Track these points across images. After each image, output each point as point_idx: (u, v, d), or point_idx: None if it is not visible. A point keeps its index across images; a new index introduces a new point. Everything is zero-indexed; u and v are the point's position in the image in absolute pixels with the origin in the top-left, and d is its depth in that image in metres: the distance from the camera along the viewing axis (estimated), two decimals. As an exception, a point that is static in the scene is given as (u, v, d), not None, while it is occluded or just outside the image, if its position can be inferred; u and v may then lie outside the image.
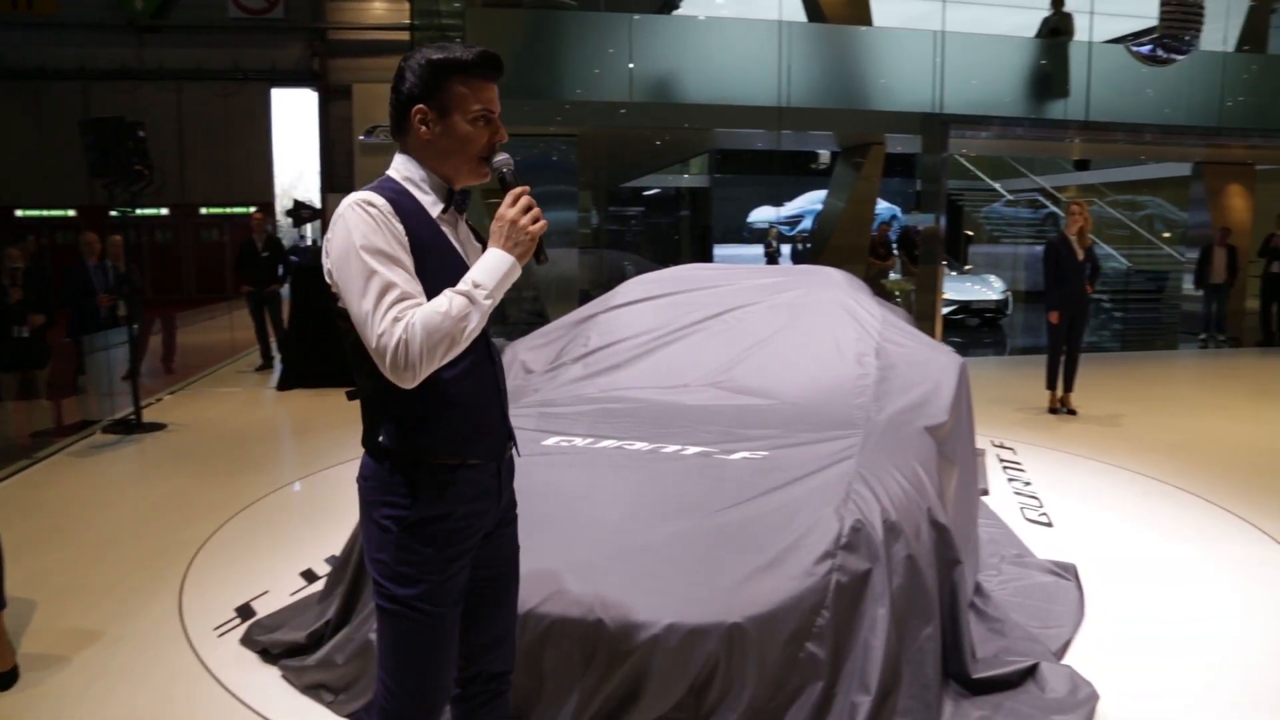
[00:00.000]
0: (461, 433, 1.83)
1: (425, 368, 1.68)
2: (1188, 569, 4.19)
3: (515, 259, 1.75)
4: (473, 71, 1.80)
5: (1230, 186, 13.91)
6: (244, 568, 4.18)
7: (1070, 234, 7.45)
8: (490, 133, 1.84)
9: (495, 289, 1.72)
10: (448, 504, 1.82)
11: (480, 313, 1.71)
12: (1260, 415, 7.85)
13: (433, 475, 1.81)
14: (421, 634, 1.83)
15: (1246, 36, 12.97)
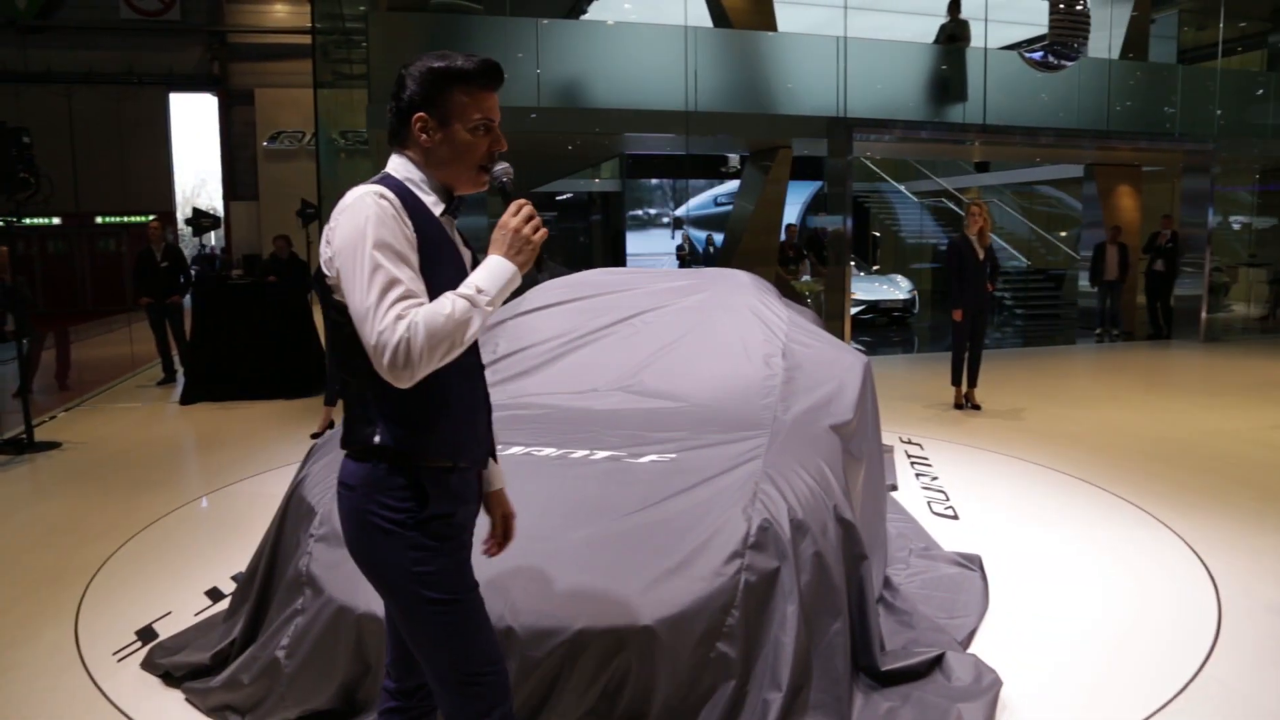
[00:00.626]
0: (454, 436, 1.85)
1: (423, 368, 1.66)
2: (1085, 555, 4.35)
3: (517, 267, 1.76)
4: (474, 81, 1.81)
5: (1120, 187, 14.54)
6: (145, 589, 4.03)
7: (971, 234, 7.68)
8: (490, 141, 1.86)
9: (497, 295, 1.73)
10: (451, 503, 1.85)
11: (481, 317, 1.71)
12: (1150, 405, 8.22)
13: (430, 476, 1.82)
14: (468, 620, 1.86)
15: (1129, 45, 13.59)
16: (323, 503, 3.05)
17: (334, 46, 11.70)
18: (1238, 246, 16.32)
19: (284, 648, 2.76)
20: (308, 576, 2.81)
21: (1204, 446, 6.56)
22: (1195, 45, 15.65)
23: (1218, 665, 3.23)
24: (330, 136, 11.68)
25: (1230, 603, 3.77)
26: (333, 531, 2.89)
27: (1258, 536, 4.60)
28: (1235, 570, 4.13)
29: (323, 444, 3.62)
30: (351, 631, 2.62)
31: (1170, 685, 3.08)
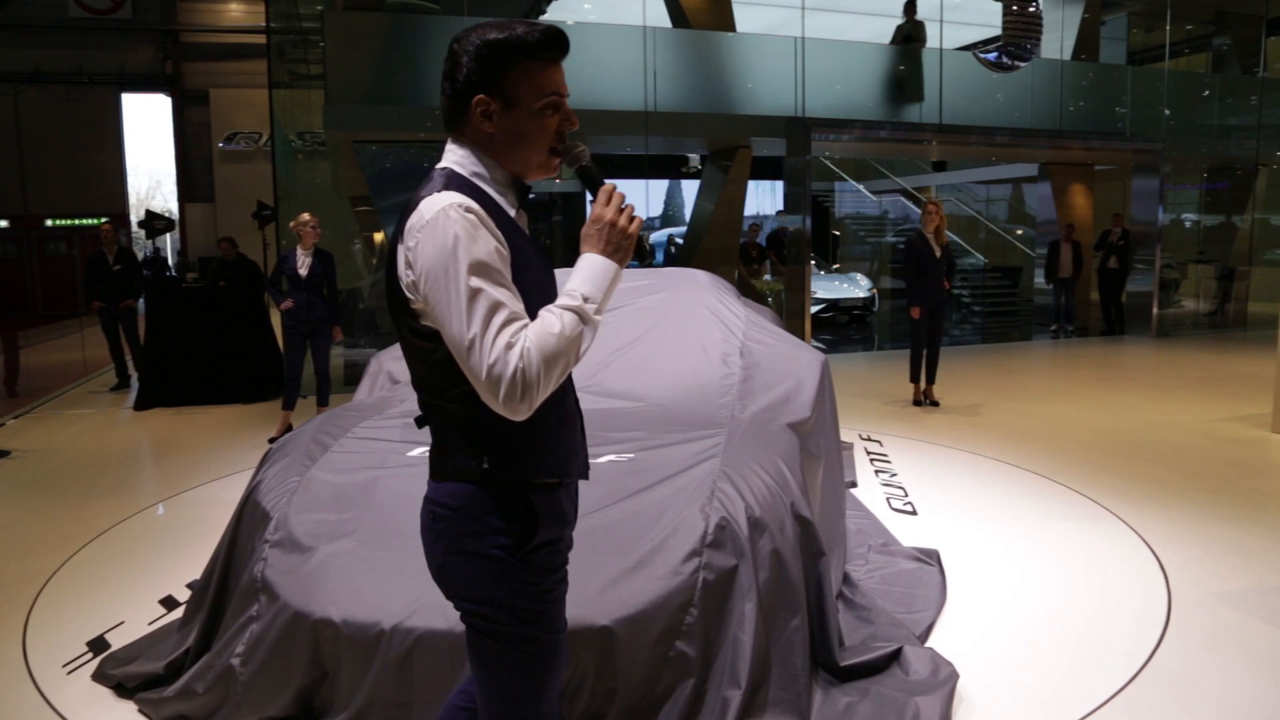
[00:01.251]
0: (561, 450, 1.71)
1: (542, 395, 1.50)
2: (1041, 548, 4.42)
3: (617, 264, 1.59)
4: (538, 53, 1.61)
5: (1073, 186, 14.79)
6: (97, 599, 3.96)
7: (927, 232, 7.76)
8: (560, 120, 1.65)
9: (604, 300, 1.56)
10: (559, 526, 1.71)
11: (593, 329, 1.55)
12: (1104, 400, 8.36)
13: (543, 498, 1.67)
14: (550, 660, 1.71)
15: (1081, 46, 13.83)
16: (278, 508, 3.01)
17: (290, 46, 11.56)
18: (1187, 244, 16.65)
19: (239, 655, 2.73)
20: (263, 583, 2.78)
21: (1155, 439, 6.69)
22: (1144, 47, 15.96)
23: (1168, 653, 3.30)
24: (287, 138, 11.55)
25: (1180, 592, 3.85)
26: (288, 537, 2.86)
27: (1206, 526, 4.70)
28: (1184, 560, 4.21)
29: (277, 449, 3.58)
30: (308, 637, 2.60)
31: (1123, 673, 3.14)
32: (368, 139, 10.18)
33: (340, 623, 2.53)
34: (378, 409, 3.95)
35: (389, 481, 3.09)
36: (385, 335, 10.56)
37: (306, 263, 6.85)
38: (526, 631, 1.66)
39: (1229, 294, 15.09)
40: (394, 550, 2.73)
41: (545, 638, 1.69)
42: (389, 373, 4.51)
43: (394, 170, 10.47)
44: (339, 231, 12.33)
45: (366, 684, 2.49)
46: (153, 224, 11.90)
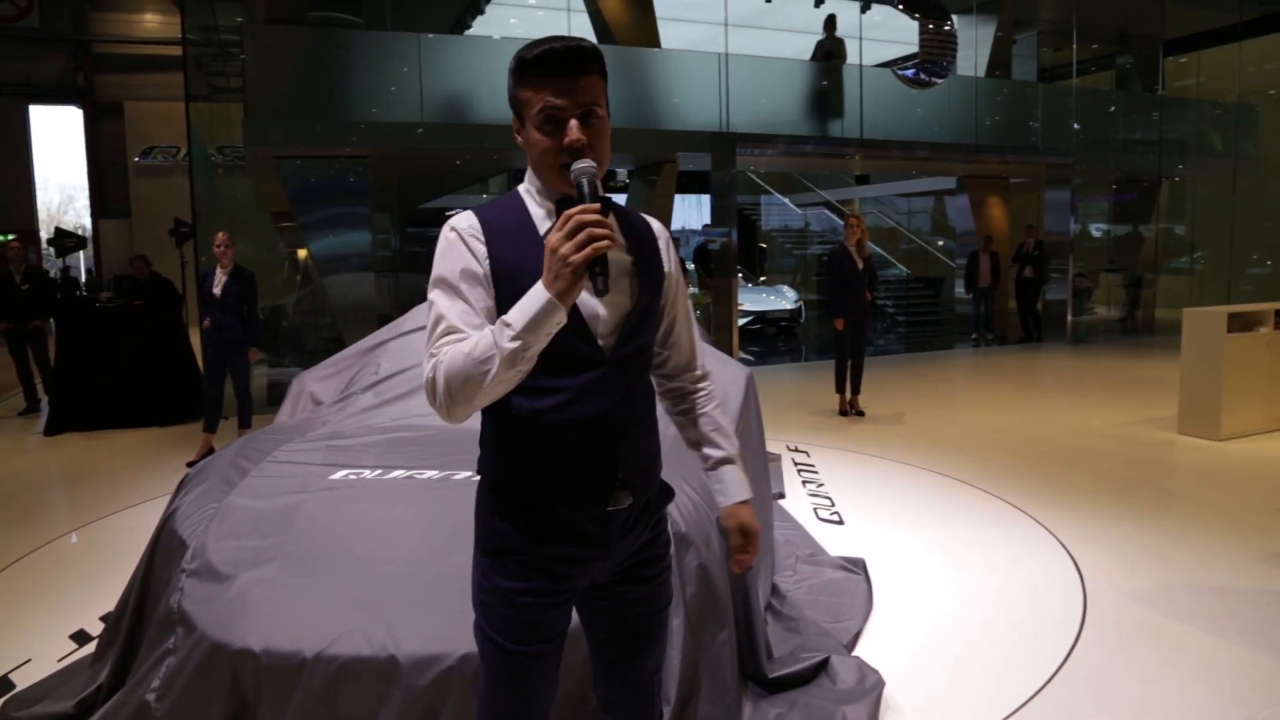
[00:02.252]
0: (547, 470, 1.66)
1: (457, 409, 1.53)
2: (962, 553, 4.53)
3: (553, 295, 1.46)
4: (532, 70, 1.60)
5: (990, 198, 15.23)
6: (2, 636, 3.79)
7: (850, 245, 7.91)
8: (560, 135, 1.60)
9: (525, 330, 1.47)
10: (525, 540, 1.67)
11: (504, 356, 1.47)
12: (1021, 406, 8.61)
13: (515, 507, 1.68)
14: (499, 666, 1.72)
15: (995, 63, 14.28)
16: (195, 535, 2.93)
17: (208, 58, 11.31)
18: (1098, 253, 17.28)
19: (155, 690, 2.64)
20: (179, 614, 2.70)
21: (1070, 444, 6.91)
22: (1054, 65, 16.54)
23: (1084, 651, 3.41)
24: (206, 152, 11.29)
25: (1095, 592, 3.98)
26: (205, 565, 2.79)
27: (1118, 527, 4.87)
28: (1098, 560, 4.36)
29: (195, 474, 3.49)
30: (227, 669, 2.53)
31: (1042, 673, 3.24)
32: (290, 154, 9.99)
33: (260, 653, 2.47)
34: (299, 431, 3.87)
35: (311, 506, 3.03)
36: (309, 355, 10.37)
37: (221, 282, 6.73)
38: (481, 624, 1.74)
39: (1138, 301, 15.70)
40: (317, 576, 2.68)
41: (492, 640, 1.72)
42: (311, 393, 4.43)
43: (317, 185, 10.29)
44: (261, 248, 12.08)
45: (289, 715, 2.43)
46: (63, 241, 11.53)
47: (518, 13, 14.57)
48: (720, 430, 1.90)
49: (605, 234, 1.45)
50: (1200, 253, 17.17)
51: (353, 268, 10.22)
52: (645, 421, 1.76)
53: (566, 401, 1.63)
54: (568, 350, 1.60)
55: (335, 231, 10.27)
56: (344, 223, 10.32)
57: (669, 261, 1.82)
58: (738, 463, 1.89)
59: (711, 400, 1.92)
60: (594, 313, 1.64)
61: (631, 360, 1.70)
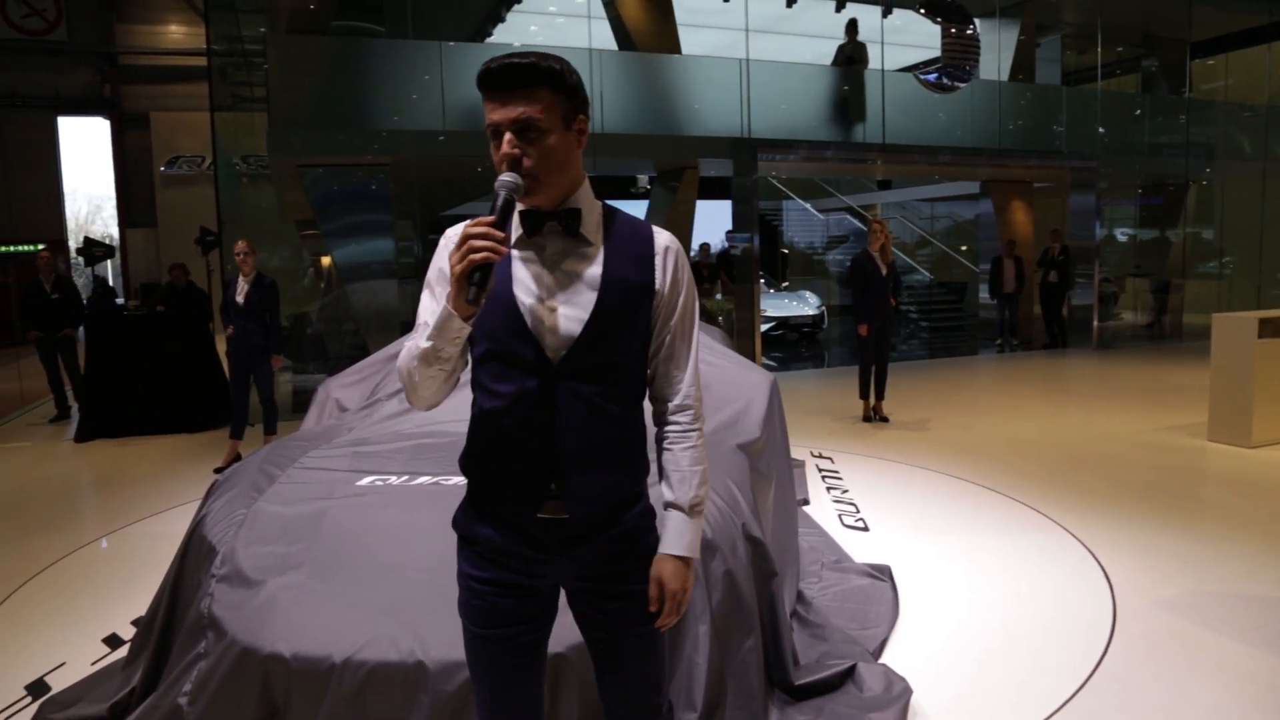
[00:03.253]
0: (488, 468, 1.73)
1: (412, 397, 1.68)
2: (990, 560, 4.49)
3: (448, 303, 1.55)
4: (480, 86, 1.66)
5: (1014, 203, 15.13)
6: (37, 639, 3.83)
7: (873, 250, 7.88)
8: (497, 150, 1.64)
9: (433, 334, 1.57)
10: (479, 531, 1.76)
11: (419, 355, 1.60)
12: (1048, 412, 8.54)
13: (472, 499, 1.78)
14: (476, 653, 1.81)
15: (1018, 67, 14.19)
16: (224, 541, 2.95)
17: (232, 69, 11.43)
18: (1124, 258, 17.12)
19: (186, 694, 2.66)
20: (210, 619, 2.72)
21: (1098, 451, 6.84)
22: (1078, 68, 16.42)
23: (1113, 660, 3.37)
24: (230, 162, 11.40)
25: (1124, 600, 3.94)
26: (235, 571, 2.81)
27: (1148, 535, 4.81)
28: (1128, 569, 4.31)
29: (224, 480, 3.51)
30: (257, 674, 2.54)
31: (1072, 682, 3.20)
32: (313, 162, 10.07)
33: (290, 658, 2.48)
34: (326, 437, 3.90)
35: (338, 512, 3.05)
36: (335, 361, 10.44)
37: (244, 290, 6.79)
38: (464, 618, 1.80)
39: (1165, 306, 15.53)
40: (344, 582, 2.69)
41: (463, 620, 1.80)
42: (337, 400, 4.46)
43: (340, 194, 10.37)
44: (285, 256, 12.17)
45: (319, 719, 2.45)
46: (92, 251, 11.65)
47: (538, 20, 14.63)
48: (680, 473, 1.78)
49: (484, 246, 1.49)
50: (1229, 257, 16.96)
51: (375, 275, 10.28)
52: (596, 439, 1.70)
53: (506, 406, 1.68)
54: (514, 356, 1.67)
55: (358, 239, 10.34)
56: (367, 230, 10.39)
57: (663, 278, 1.75)
58: (686, 513, 1.77)
59: (684, 439, 1.79)
60: (540, 322, 1.66)
61: (585, 374, 1.68)
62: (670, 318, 1.77)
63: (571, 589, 1.81)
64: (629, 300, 1.71)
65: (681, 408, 1.80)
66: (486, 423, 1.71)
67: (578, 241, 1.70)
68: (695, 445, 1.80)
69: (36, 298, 9.12)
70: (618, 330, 1.70)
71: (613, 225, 1.75)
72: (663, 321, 1.77)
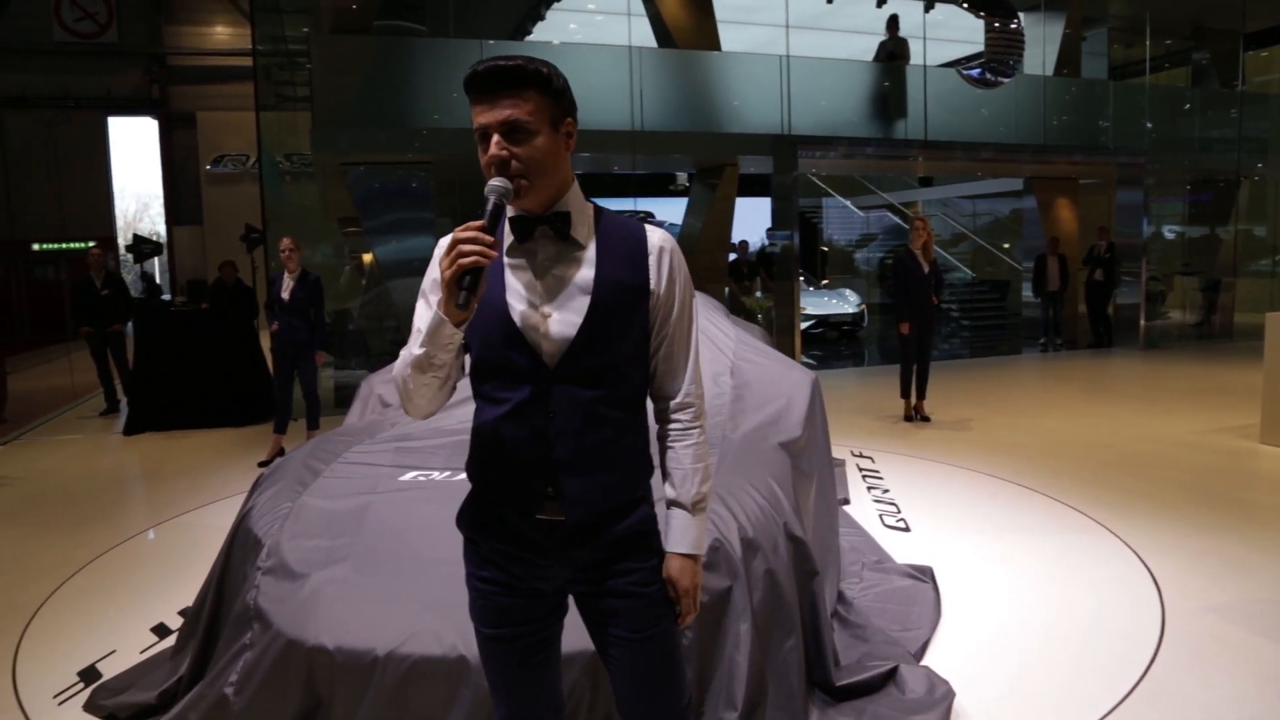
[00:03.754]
0: (487, 473, 1.74)
1: (408, 405, 1.68)
2: (1034, 563, 4.42)
3: (439, 309, 1.55)
4: (468, 91, 1.65)
5: (1058, 200, 14.89)
6: (88, 628, 3.92)
7: (915, 248, 7.80)
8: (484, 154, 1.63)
9: (426, 340, 1.57)
10: (479, 531, 1.77)
11: (413, 362, 1.59)
12: (1093, 412, 8.40)
13: (474, 500, 1.79)
14: (486, 651, 1.82)
15: (1063, 61, 13.96)
16: (270, 534, 3.00)
17: (276, 69, 11.58)
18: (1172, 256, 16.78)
19: (232, 684, 2.70)
20: (255, 610, 2.76)
21: (1145, 452, 6.72)
22: (1125, 62, 16.12)
23: (1162, 667, 3.30)
24: (274, 160, 11.55)
25: (1173, 605, 3.86)
26: (280, 564, 2.85)
27: (1197, 538, 4.71)
28: (1177, 573, 4.23)
29: (269, 474, 3.56)
30: (302, 665, 2.58)
31: (1119, 688, 3.14)
32: (355, 161, 10.19)
33: (334, 650, 2.52)
34: (369, 433, 3.94)
35: (381, 507, 3.08)
36: (376, 357, 10.55)
37: (289, 287, 6.87)
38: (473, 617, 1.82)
39: (1215, 305, 15.20)
40: (387, 576, 2.72)
41: (480, 629, 1.80)
42: (380, 396, 4.50)
43: (382, 191, 10.48)
44: (328, 253, 12.32)
45: (362, 712, 2.48)
46: (140, 248, 11.89)
47: (578, 18, 14.67)
48: (682, 471, 1.78)
49: (473, 250, 1.49)
50: (1282, 254, 16.58)
51: (416, 272, 10.35)
52: (596, 442, 1.70)
53: (505, 413, 1.68)
54: (510, 363, 1.66)
55: (399, 236, 10.43)
56: (407, 227, 10.48)
57: (658, 278, 1.73)
58: (689, 511, 1.78)
59: (686, 437, 1.79)
60: (534, 328, 1.66)
61: (581, 378, 1.67)
62: (669, 317, 1.76)
63: (574, 592, 1.81)
64: (624, 302, 1.69)
65: (682, 405, 1.79)
66: (485, 429, 1.72)
67: (569, 245, 1.69)
68: (697, 443, 1.80)
69: (87, 294, 9.32)
70: (613, 333, 1.69)
71: (604, 227, 1.74)
72: (661, 321, 1.75)
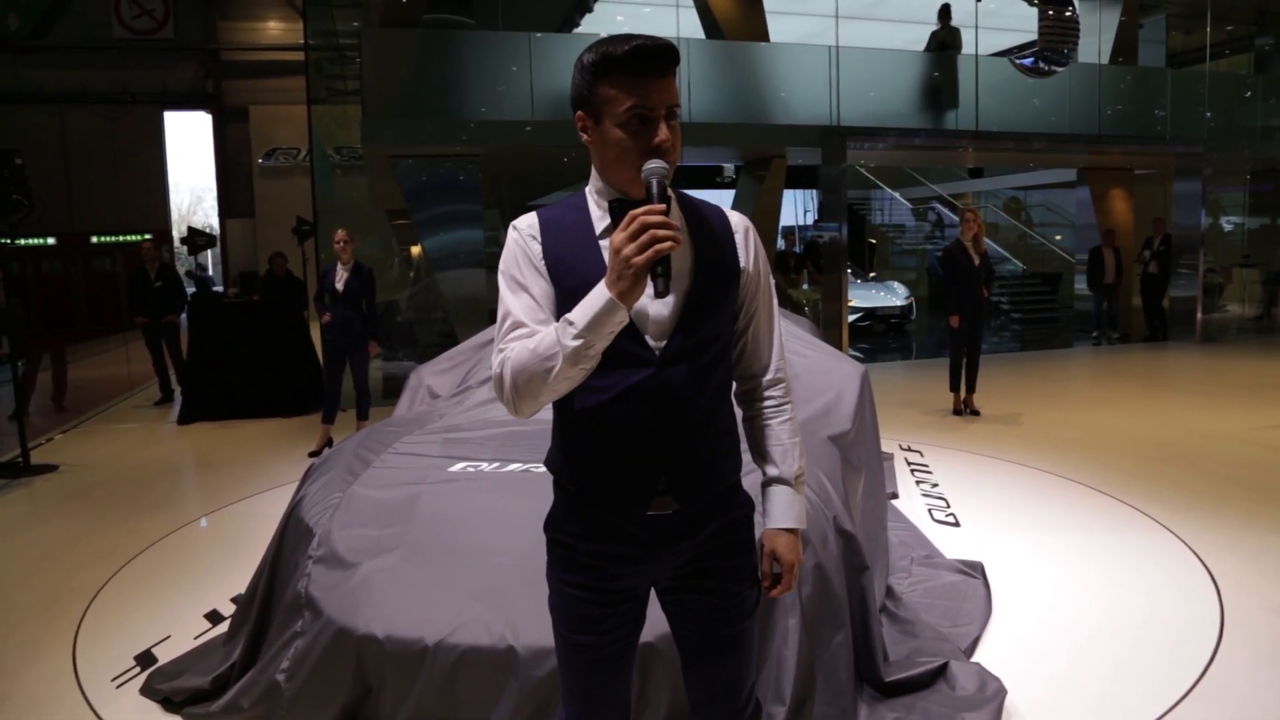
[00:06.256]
0: (588, 467, 1.68)
1: (523, 405, 1.56)
2: (1087, 560, 4.34)
3: (614, 295, 1.46)
4: (622, 68, 1.57)
5: (1113, 191, 14.58)
6: (144, 613, 4.01)
7: (965, 240, 7.68)
8: (648, 135, 1.58)
9: (587, 329, 1.48)
10: (570, 534, 1.72)
11: (566, 354, 1.49)
12: (1148, 407, 8.22)
13: (567, 502, 1.73)
14: (563, 653, 1.79)
15: (1119, 49, 13.64)
16: (321, 523, 3.03)
17: (327, 62, 11.72)
18: (1231, 248, 16.36)
19: (284, 671, 2.75)
20: (307, 598, 2.80)
21: (1202, 448, 6.56)
22: (1184, 49, 15.72)
23: (1221, 668, 3.22)
24: (325, 153, 11.70)
25: (1232, 605, 3.76)
26: (331, 553, 2.88)
27: (1257, 537, 4.59)
28: (1236, 572, 4.12)
29: (320, 463, 3.61)
30: (352, 654, 2.61)
31: (1175, 689, 3.07)
32: (405, 153, 10.27)
33: (384, 639, 2.54)
34: (418, 424, 3.97)
35: (430, 497, 3.11)
36: (424, 348, 10.64)
37: (343, 278, 6.92)
38: (554, 617, 1.78)
39: (1275, 298, 14.80)
40: (436, 566, 2.74)
41: (555, 628, 1.78)
42: (429, 387, 4.54)
43: (430, 184, 10.55)
44: (377, 245, 12.45)
45: (411, 701, 2.50)
46: (194, 240, 12.12)
47: (625, 10, 14.64)
48: (782, 447, 1.79)
49: (668, 235, 1.43)
50: (1348, 247, 16.07)
51: (464, 264, 10.43)
52: (704, 426, 1.69)
53: (612, 401, 1.63)
54: (616, 349, 1.58)
55: (448, 228, 10.49)
56: (456, 220, 10.54)
57: (747, 257, 1.75)
58: (792, 486, 1.79)
59: (781, 413, 1.80)
60: (643, 312, 1.63)
61: (688, 361, 1.65)
62: (756, 294, 1.77)
63: (672, 585, 1.78)
64: (720, 282, 1.70)
65: (774, 381, 1.80)
66: (587, 422, 1.66)
67: None
68: (791, 418, 1.81)
69: (142, 285, 9.52)
70: (714, 313, 1.69)
71: (690, 208, 1.74)
72: (750, 299, 1.76)
